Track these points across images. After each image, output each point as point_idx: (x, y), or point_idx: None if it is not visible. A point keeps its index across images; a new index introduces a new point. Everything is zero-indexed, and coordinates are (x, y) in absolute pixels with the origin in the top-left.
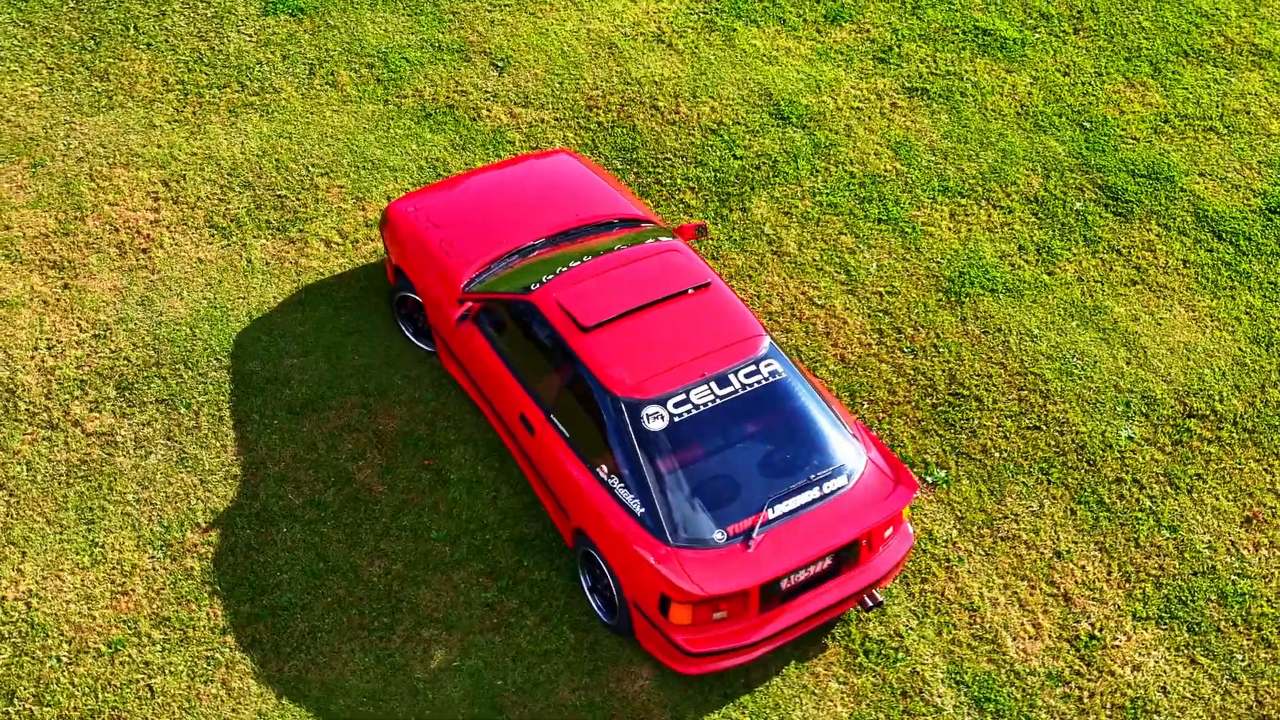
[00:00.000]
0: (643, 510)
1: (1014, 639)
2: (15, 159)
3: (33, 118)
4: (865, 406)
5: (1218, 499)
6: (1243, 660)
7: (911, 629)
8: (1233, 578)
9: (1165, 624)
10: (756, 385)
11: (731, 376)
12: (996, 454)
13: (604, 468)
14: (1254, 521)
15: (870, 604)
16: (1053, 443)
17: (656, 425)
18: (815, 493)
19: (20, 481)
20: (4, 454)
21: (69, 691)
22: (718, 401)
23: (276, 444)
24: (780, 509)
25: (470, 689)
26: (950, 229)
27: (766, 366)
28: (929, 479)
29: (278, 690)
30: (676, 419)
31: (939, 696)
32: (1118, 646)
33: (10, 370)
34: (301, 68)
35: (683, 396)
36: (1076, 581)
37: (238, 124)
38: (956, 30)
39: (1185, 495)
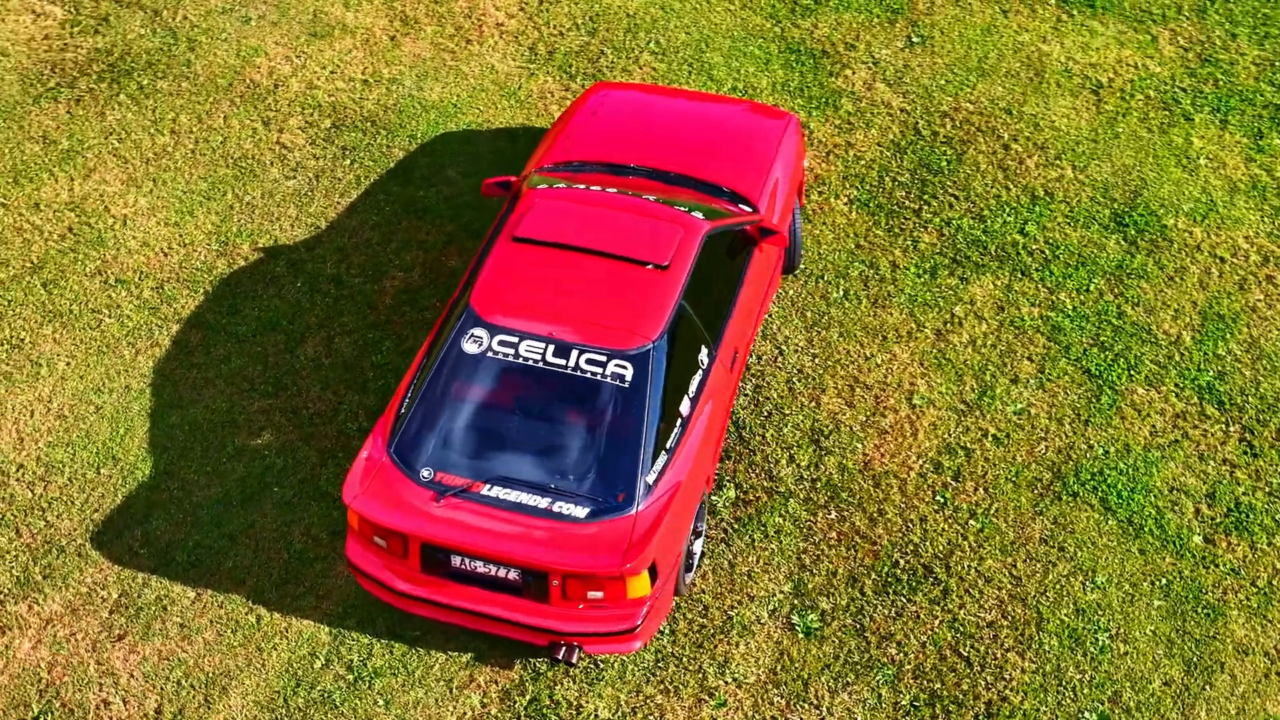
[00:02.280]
0: (403, 411)
1: None
2: None
3: None
4: (810, 528)
5: None
6: None
7: (595, 718)
8: None
9: None
10: (588, 375)
11: (575, 353)
12: (893, 652)
13: (427, 360)
14: None
15: (559, 655)
16: (964, 690)
17: (470, 348)
18: (544, 502)
19: (205, 146)
20: (219, 123)
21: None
22: (539, 365)
23: (355, 228)
24: (499, 493)
25: (242, 476)
26: (1151, 428)
27: (617, 365)
28: (793, 619)
29: (104, 385)
30: (489, 354)
31: None
32: None
33: (294, 73)
34: None
35: (514, 339)
36: None
37: None
38: None
39: None
